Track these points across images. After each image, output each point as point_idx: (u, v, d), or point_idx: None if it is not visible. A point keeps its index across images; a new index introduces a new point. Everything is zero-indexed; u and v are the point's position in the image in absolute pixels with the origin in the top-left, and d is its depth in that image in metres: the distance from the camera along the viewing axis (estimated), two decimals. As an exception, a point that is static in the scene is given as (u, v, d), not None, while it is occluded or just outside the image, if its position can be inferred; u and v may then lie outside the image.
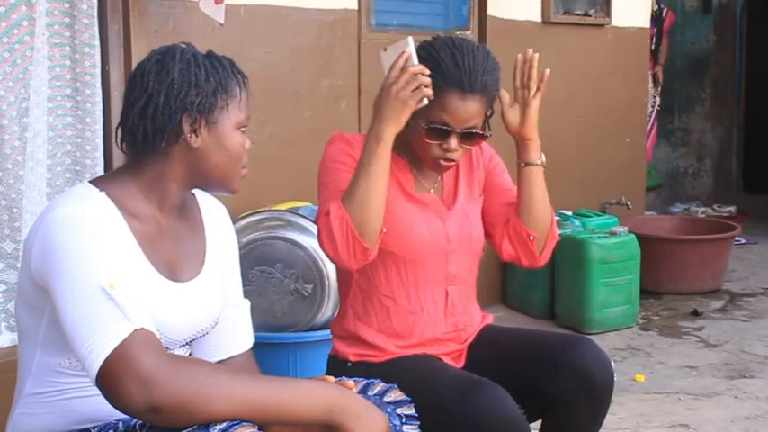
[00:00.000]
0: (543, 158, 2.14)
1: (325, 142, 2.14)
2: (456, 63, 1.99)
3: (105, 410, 1.49)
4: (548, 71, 2.08)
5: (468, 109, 2.00)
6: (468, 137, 2.03)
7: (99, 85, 3.01)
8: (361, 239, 1.91)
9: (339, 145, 2.09)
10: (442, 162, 2.05)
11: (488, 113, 2.08)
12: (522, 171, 2.13)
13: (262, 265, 3.04)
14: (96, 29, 2.97)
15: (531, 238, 2.14)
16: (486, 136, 2.07)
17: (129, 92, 1.59)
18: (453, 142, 2.02)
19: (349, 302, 2.14)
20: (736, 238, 5.54)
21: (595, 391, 2.02)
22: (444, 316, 2.14)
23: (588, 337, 2.16)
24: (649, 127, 6.26)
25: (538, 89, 2.08)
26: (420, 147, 2.06)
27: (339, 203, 1.91)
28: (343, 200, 1.92)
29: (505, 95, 2.13)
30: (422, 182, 2.15)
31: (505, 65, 2.12)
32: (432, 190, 2.16)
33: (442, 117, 2.00)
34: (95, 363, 1.38)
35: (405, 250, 2.08)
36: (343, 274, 2.17)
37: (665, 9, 6.67)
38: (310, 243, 3.01)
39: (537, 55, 2.09)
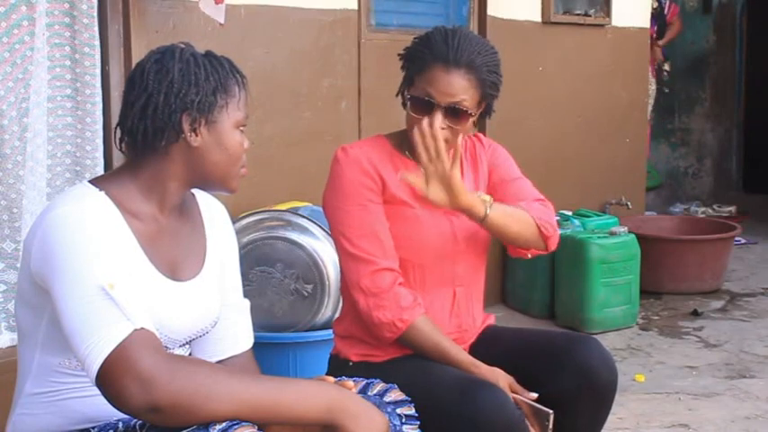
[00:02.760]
0: (488, 200, 2.05)
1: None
2: (445, 39, 2.03)
3: (105, 410, 1.49)
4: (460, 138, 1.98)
5: (452, 82, 2.00)
6: (453, 113, 2.01)
7: (99, 85, 3.01)
8: (391, 340, 2.05)
9: (355, 174, 2.06)
10: None
11: (481, 102, 2.07)
12: (480, 225, 2.07)
13: (262, 265, 3.03)
14: (96, 29, 2.97)
15: (529, 255, 2.20)
16: (471, 114, 2.03)
17: (129, 91, 1.59)
18: (437, 118, 2.00)
19: (351, 305, 2.13)
20: (736, 238, 5.53)
21: (599, 390, 2.02)
22: (449, 317, 2.15)
23: (592, 336, 2.16)
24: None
25: (453, 158, 1.96)
26: (409, 128, 2.07)
27: (410, 323, 2.02)
28: (412, 326, 2.02)
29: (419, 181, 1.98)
30: None
31: (505, 65, 2.12)
32: None
33: (426, 90, 2.02)
34: (95, 362, 1.38)
35: (413, 255, 2.09)
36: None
37: (667, 3, 6.67)
38: (310, 243, 3.01)
39: (437, 125, 1.97)
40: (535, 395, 1.98)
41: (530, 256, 2.21)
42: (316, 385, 1.51)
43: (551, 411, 1.93)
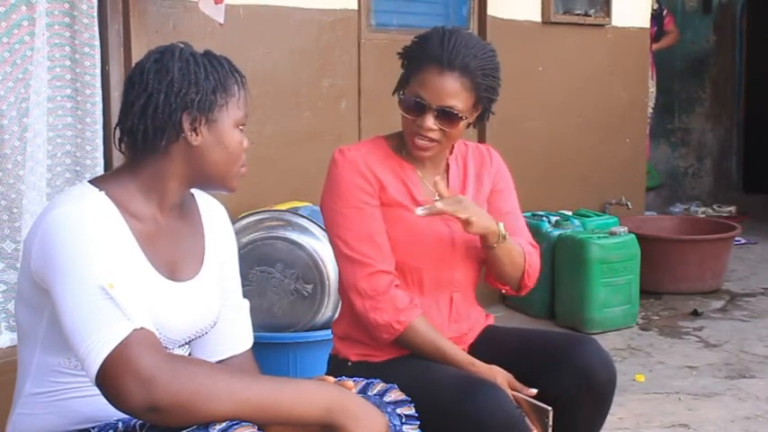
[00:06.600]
0: (503, 231, 2.07)
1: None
2: (441, 41, 2.01)
3: (105, 410, 1.49)
4: None
5: (444, 85, 1.99)
6: (444, 115, 2.01)
7: (99, 85, 3.01)
8: (389, 342, 2.05)
9: (351, 176, 2.06)
10: (417, 140, 2.04)
11: (476, 106, 2.06)
12: (485, 251, 2.12)
13: (262, 265, 3.04)
14: (96, 29, 2.97)
15: (503, 291, 2.24)
16: (463, 117, 2.03)
17: (128, 91, 1.60)
18: (429, 119, 2.01)
19: (349, 306, 2.13)
20: (736, 238, 5.54)
21: (597, 390, 2.02)
22: (448, 322, 2.14)
23: (591, 336, 2.16)
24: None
25: (464, 220, 2.00)
26: (403, 127, 2.08)
27: (407, 324, 2.02)
28: (409, 327, 2.02)
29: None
30: (427, 185, 2.14)
31: (505, 65, 2.12)
32: (436, 194, 2.15)
33: (418, 91, 2.02)
34: (95, 362, 1.38)
35: (411, 257, 2.09)
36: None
37: (665, 11, 6.69)
38: (310, 243, 3.01)
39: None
40: (534, 391, 1.98)
41: (504, 292, 2.26)
42: (316, 385, 1.51)
43: (550, 408, 1.93)
